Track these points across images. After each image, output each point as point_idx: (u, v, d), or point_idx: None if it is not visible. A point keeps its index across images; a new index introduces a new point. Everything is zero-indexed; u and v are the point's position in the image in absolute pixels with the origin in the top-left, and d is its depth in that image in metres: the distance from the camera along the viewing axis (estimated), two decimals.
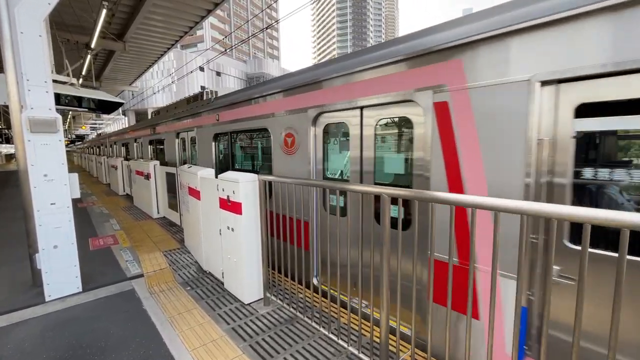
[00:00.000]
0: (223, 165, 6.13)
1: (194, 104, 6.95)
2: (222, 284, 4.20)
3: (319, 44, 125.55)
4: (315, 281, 3.86)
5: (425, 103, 2.53)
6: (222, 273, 4.15)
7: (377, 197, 2.86)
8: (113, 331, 3.15)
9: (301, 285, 3.84)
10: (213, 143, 6.13)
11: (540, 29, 1.94)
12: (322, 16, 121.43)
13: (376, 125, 3.13)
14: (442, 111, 2.43)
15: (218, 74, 57.39)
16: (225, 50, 15.94)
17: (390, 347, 2.78)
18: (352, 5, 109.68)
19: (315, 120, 3.72)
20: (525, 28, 1.98)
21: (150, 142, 10.36)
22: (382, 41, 3.39)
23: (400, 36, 2.88)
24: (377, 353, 2.67)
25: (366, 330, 3.10)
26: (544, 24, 1.92)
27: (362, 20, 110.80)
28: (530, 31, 1.98)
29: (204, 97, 6.51)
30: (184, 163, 7.63)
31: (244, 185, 3.48)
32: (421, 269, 2.71)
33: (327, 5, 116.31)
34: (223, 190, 3.75)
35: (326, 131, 3.71)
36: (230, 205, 3.64)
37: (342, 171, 3.67)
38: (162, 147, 9.35)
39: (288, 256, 3.37)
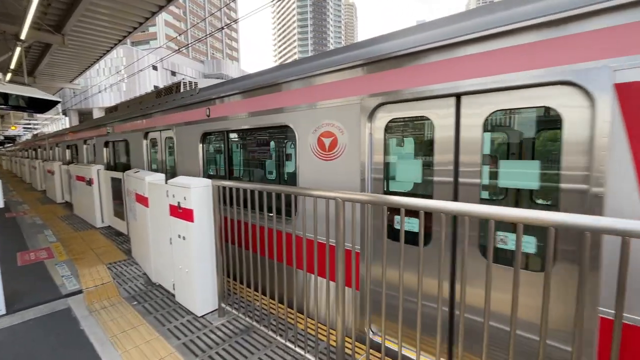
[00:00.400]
0: (214, 174, 5.05)
1: (169, 97, 5.65)
2: (173, 296, 3.94)
3: (280, 47, 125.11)
4: (371, 333, 2.83)
5: (596, 84, 1.73)
6: (173, 285, 3.89)
7: (482, 222, 2.22)
8: (42, 358, 2.80)
9: (350, 340, 2.96)
10: (200, 145, 4.87)
11: None
12: (283, 20, 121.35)
13: (486, 119, 2.21)
14: (634, 96, 1.65)
15: (173, 73, 54.70)
16: (179, 48, 15.25)
17: (347, 351, 2.78)
18: (312, 11, 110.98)
19: (372, 114, 2.77)
20: None
21: (106, 144, 9.14)
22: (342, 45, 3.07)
23: None
24: (334, 357, 2.66)
25: (323, 335, 3.08)
26: None
27: (322, 25, 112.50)
28: None
29: (182, 89, 5.36)
30: (156, 170, 6.60)
31: (196, 191, 3.30)
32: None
33: (287, 9, 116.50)
34: (173, 196, 3.53)
35: (389, 129, 2.78)
36: (182, 212, 3.43)
37: (418, 184, 2.78)
38: (123, 150, 8.13)
39: (325, 300, 2.49)
